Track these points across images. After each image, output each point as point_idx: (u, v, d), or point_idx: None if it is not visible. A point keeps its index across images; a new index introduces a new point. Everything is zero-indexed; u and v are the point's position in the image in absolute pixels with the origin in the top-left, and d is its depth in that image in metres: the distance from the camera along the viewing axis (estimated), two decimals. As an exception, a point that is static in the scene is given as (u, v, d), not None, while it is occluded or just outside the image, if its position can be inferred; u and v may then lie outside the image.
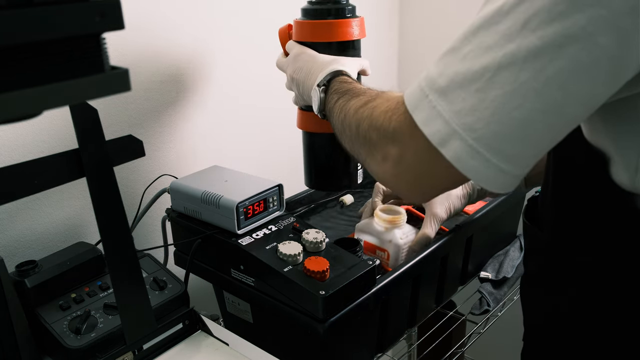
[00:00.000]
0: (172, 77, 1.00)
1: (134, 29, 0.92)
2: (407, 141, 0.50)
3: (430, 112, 0.47)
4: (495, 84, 0.44)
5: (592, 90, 0.43)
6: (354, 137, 0.60)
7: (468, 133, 0.45)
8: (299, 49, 0.83)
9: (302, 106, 0.87)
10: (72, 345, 0.68)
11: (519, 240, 1.14)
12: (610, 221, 0.54)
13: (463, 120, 0.45)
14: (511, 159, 0.46)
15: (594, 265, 0.57)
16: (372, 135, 0.55)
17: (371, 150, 0.56)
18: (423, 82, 0.49)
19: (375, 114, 0.55)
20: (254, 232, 0.82)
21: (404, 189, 0.55)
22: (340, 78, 0.72)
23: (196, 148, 1.06)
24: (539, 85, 0.42)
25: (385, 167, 0.54)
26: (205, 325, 0.76)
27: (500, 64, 0.44)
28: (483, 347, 1.19)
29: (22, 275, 0.71)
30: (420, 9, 1.47)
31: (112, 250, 0.64)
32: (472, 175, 0.47)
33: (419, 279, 0.89)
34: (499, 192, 0.48)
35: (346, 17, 0.83)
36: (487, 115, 0.44)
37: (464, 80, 0.46)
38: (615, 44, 0.41)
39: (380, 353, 0.89)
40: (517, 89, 0.43)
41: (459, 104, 0.46)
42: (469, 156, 0.46)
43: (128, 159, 0.67)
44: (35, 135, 0.83)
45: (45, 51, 0.35)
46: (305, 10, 0.85)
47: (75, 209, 0.90)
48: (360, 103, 0.60)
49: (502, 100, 0.44)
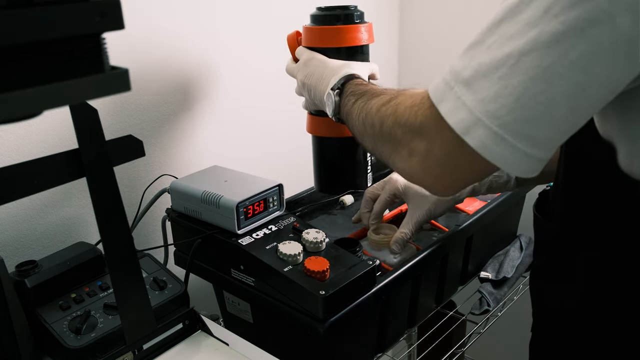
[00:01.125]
0: (172, 77, 1.00)
1: (135, 29, 0.92)
2: (433, 135, 0.51)
3: (455, 102, 0.48)
4: (518, 70, 0.45)
5: (613, 72, 0.43)
6: (377, 135, 0.60)
7: (492, 120, 0.46)
8: (309, 55, 0.83)
9: (312, 111, 0.88)
10: (72, 345, 0.68)
11: (519, 240, 1.14)
12: (619, 212, 0.55)
13: (486, 107, 0.46)
14: (536, 143, 0.46)
15: (601, 257, 0.58)
16: (397, 132, 0.55)
17: (396, 146, 0.56)
18: (448, 76, 0.50)
19: (400, 110, 0.55)
20: (254, 232, 0.82)
21: (431, 182, 0.55)
22: (355, 81, 0.72)
23: (196, 148, 1.06)
24: (563, 69, 0.43)
25: (412, 163, 0.54)
26: (205, 325, 0.76)
27: (523, 50, 0.44)
28: (483, 347, 1.19)
29: (22, 275, 0.71)
30: (420, 9, 1.47)
31: (112, 250, 0.64)
32: (498, 161, 0.47)
33: (419, 279, 0.90)
34: (525, 176, 0.48)
35: (355, 22, 0.84)
36: (511, 101, 0.45)
37: (487, 69, 0.46)
38: (633, 25, 0.41)
39: (380, 353, 0.89)
40: (540, 74, 0.44)
41: (483, 92, 0.46)
42: (494, 143, 0.46)
43: (128, 159, 0.67)
44: (35, 135, 0.83)
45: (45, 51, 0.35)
46: (315, 16, 0.86)
47: (75, 209, 0.90)
48: (382, 101, 0.60)
49: (527, 85, 0.44)
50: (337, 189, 0.95)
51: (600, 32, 0.42)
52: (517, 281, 1.08)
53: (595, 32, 0.42)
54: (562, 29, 0.43)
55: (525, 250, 1.11)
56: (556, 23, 0.43)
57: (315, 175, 0.94)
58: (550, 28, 0.43)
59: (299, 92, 0.87)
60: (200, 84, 1.05)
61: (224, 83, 1.09)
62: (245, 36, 1.10)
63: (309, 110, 0.89)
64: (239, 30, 1.09)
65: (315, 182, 0.95)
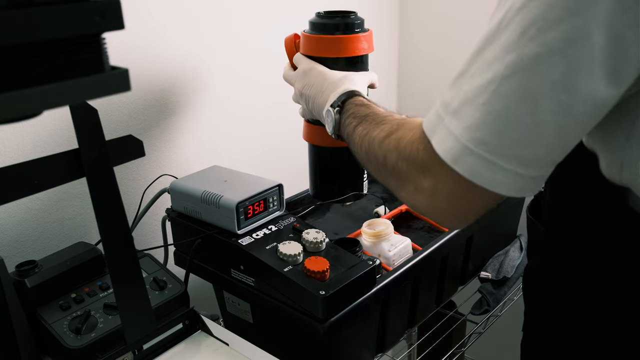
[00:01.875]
0: (173, 77, 1.00)
1: (135, 29, 0.92)
2: (437, 171, 0.51)
3: (444, 133, 0.49)
4: (501, 94, 0.45)
5: (596, 88, 0.44)
6: (380, 168, 0.60)
7: (479, 146, 0.46)
8: (307, 64, 0.83)
9: (309, 119, 0.87)
10: (72, 345, 0.68)
11: (519, 240, 1.14)
12: (602, 216, 0.56)
13: (472, 134, 0.47)
14: (527, 162, 0.47)
15: (587, 259, 0.58)
16: (401, 167, 0.56)
17: (402, 181, 0.56)
18: (440, 108, 0.51)
19: (402, 146, 0.56)
20: (254, 232, 0.82)
21: (440, 217, 0.56)
22: (356, 100, 0.72)
23: (196, 148, 1.06)
24: (546, 89, 0.44)
25: (420, 198, 0.54)
26: (205, 325, 0.76)
27: (504, 74, 0.45)
28: (483, 347, 1.19)
29: (22, 275, 0.71)
30: (420, 9, 1.47)
31: (112, 250, 0.64)
32: (490, 185, 0.48)
33: (419, 279, 0.90)
34: (521, 195, 0.49)
35: (355, 32, 0.82)
36: (497, 125, 0.46)
37: (471, 97, 0.47)
38: (608, 41, 0.42)
39: (380, 353, 0.90)
40: (524, 96, 0.44)
41: (468, 120, 0.47)
42: (484, 168, 0.47)
43: (128, 159, 0.67)
44: (35, 135, 0.83)
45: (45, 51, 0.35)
46: (314, 23, 0.84)
47: (75, 209, 0.90)
48: (383, 134, 0.60)
49: (511, 108, 0.45)
50: (332, 197, 0.93)
51: (578, 51, 0.42)
52: (517, 281, 1.08)
53: (573, 51, 0.42)
54: (541, 51, 0.43)
55: (525, 250, 1.11)
56: (534, 45, 0.43)
57: (310, 182, 0.94)
58: (528, 51, 0.44)
59: (296, 100, 0.86)
60: (200, 83, 1.05)
61: (224, 83, 1.09)
62: (245, 36, 1.10)
63: (306, 118, 0.89)
64: (238, 30, 1.09)
65: (310, 188, 0.95)
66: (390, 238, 0.90)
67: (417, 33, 1.50)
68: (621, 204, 0.53)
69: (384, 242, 0.89)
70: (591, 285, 0.59)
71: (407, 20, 1.51)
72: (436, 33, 1.46)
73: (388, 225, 0.91)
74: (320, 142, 0.89)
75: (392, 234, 0.91)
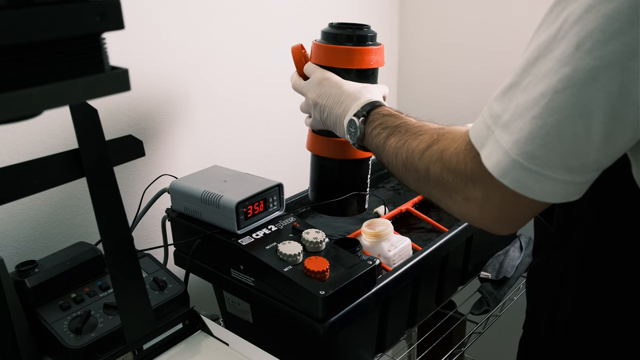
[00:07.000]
0: (173, 77, 1.00)
1: (136, 30, 0.92)
2: (489, 182, 0.50)
3: (493, 145, 0.49)
4: (554, 109, 0.45)
5: None
6: (422, 179, 0.60)
7: (530, 161, 0.46)
8: (321, 74, 0.81)
9: (316, 130, 0.86)
10: (72, 345, 0.68)
11: (519, 240, 1.14)
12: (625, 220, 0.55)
13: (523, 149, 0.46)
14: (575, 170, 0.46)
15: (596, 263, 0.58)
16: (447, 178, 0.55)
17: (449, 192, 0.56)
18: (489, 120, 0.50)
19: (447, 157, 0.55)
20: (254, 232, 0.82)
21: (491, 225, 0.55)
22: (382, 110, 0.71)
23: (196, 148, 1.06)
24: (601, 102, 0.43)
25: (469, 208, 0.54)
26: (205, 325, 0.76)
27: (557, 88, 0.44)
28: (483, 347, 1.19)
29: (22, 275, 0.71)
30: (419, 13, 1.47)
31: (112, 250, 0.64)
32: (539, 196, 0.48)
33: (419, 279, 0.90)
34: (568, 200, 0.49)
35: (369, 44, 0.82)
36: (549, 140, 0.45)
37: (522, 110, 0.47)
38: None
39: (380, 353, 0.90)
40: (578, 111, 0.44)
41: (517, 133, 0.47)
42: (533, 180, 0.47)
43: (128, 159, 0.67)
44: (35, 135, 0.83)
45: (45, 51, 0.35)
46: (326, 33, 0.83)
47: (75, 209, 0.90)
48: (423, 145, 0.60)
49: (564, 123, 0.44)
50: (334, 210, 0.91)
51: (637, 63, 0.42)
52: (517, 281, 1.08)
53: (634, 63, 0.42)
54: (598, 65, 0.43)
55: (525, 250, 1.11)
56: (590, 59, 0.43)
57: (311, 192, 0.92)
58: (584, 64, 0.43)
59: (306, 110, 0.84)
60: (200, 83, 1.05)
61: (224, 83, 1.09)
62: (245, 36, 1.10)
63: (314, 129, 0.87)
64: (239, 30, 1.09)
65: (310, 198, 0.93)
66: (390, 238, 0.90)
67: (417, 37, 1.50)
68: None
69: (384, 242, 0.89)
70: (595, 291, 0.59)
71: (406, 24, 1.51)
72: (436, 37, 1.47)
73: (388, 225, 0.91)
74: (325, 153, 0.87)
75: (392, 234, 0.91)
